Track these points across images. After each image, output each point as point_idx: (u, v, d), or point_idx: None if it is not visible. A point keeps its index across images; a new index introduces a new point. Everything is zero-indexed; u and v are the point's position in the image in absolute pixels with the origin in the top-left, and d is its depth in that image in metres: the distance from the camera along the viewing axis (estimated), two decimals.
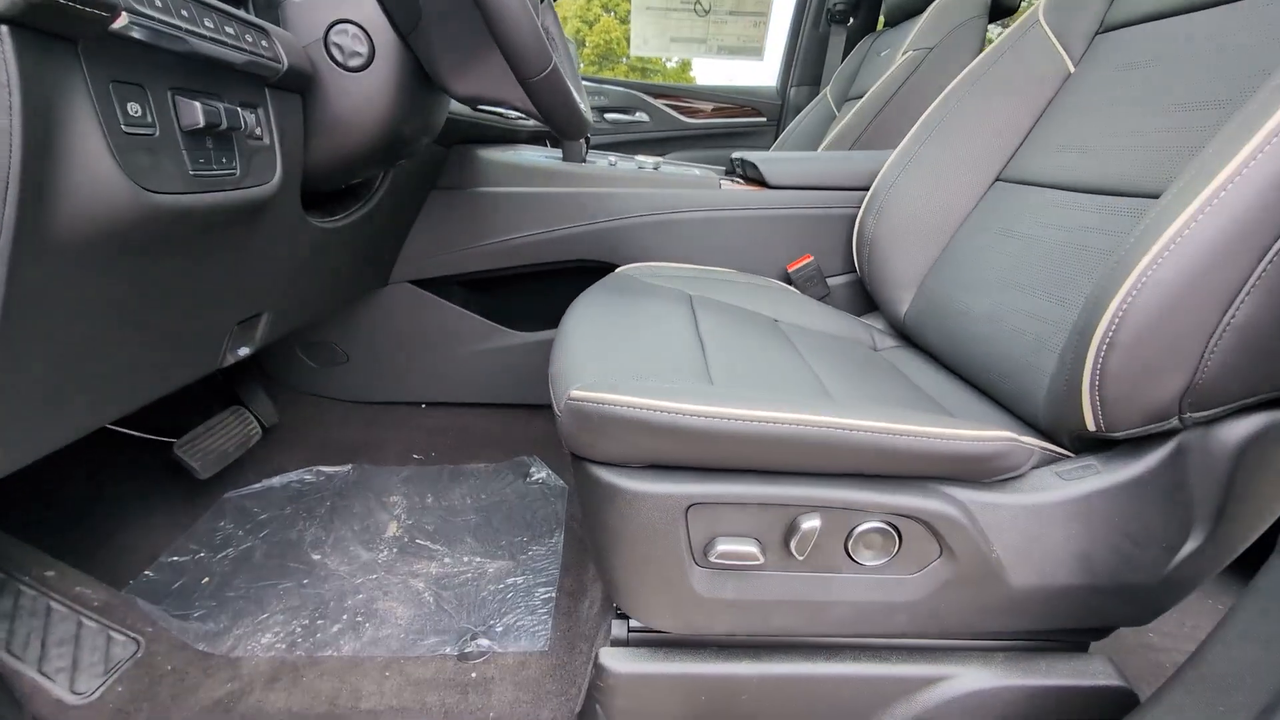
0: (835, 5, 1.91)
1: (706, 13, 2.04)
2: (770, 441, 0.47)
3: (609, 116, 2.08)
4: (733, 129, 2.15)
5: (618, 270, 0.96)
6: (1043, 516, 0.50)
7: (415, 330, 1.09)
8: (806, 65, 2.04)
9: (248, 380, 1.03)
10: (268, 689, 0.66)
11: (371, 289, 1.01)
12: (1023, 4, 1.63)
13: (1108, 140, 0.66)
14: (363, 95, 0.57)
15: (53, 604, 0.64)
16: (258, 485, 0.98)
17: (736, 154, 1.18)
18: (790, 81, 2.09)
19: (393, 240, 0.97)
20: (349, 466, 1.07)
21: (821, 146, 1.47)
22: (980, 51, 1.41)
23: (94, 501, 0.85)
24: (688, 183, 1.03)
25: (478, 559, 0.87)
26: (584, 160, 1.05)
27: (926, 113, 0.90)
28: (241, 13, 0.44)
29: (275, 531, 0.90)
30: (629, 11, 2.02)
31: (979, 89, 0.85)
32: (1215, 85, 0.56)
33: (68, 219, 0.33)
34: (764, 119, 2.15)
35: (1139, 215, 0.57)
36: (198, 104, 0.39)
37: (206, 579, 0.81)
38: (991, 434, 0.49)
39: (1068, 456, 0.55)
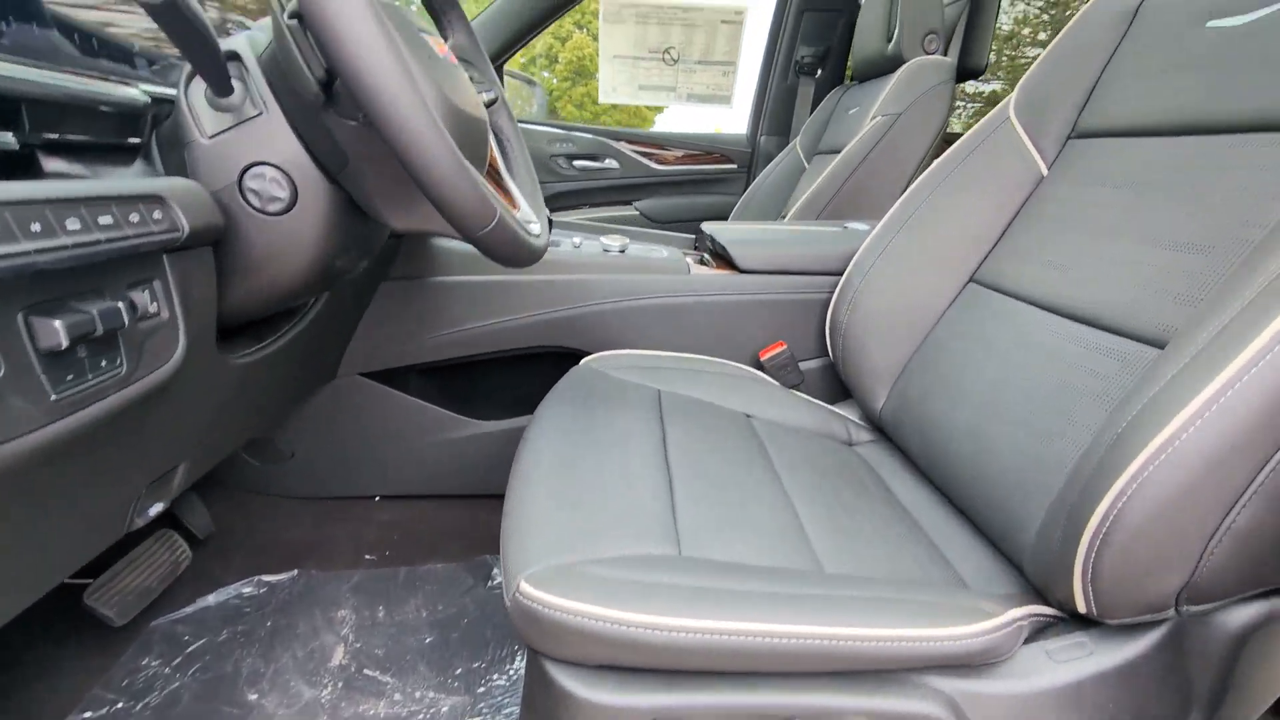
0: (802, 58, 1.91)
1: (675, 62, 2.02)
2: (744, 654, 0.42)
3: (577, 164, 2.05)
4: (703, 175, 2.13)
5: (584, 363, 0.91)
6: (1034, 705, 0.46)
7: (367, 423, 1.02)
8: (775, 115, 2.04)
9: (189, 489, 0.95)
10: None
11: (315, 389, 0.94)
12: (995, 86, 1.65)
13: (1087, 262, 0.64)
14: (287, 238, 0.51)
15: None
16: (190, 608, 0.89)
17: (706, 226, 1.14)
18: (760, 130, 2.08)
19: (337, 341, 0.90)
20: (294, 573, 0.99)
21: (791, 212, 1.45)
22: (947, 116, 1.42)
23: (24, 652, 0.76)
24: (655, 267, 0.99)
25: (431, 693, 0.80)
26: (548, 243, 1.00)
27: (898, 203, 0.88)
28: (126, 184, 0.38)
29: (208, 665, 0.82)
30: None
31: (950, 184, 0.83)
32: (1197, 227, 0.54)
33: None
34: (734, 165, 2.13)
35: (1125, 361, 0.54)
36: (57, 322, 0.33)
37: None
38: (988, 625, 0.45)
39: (1058, 619, 0.51)
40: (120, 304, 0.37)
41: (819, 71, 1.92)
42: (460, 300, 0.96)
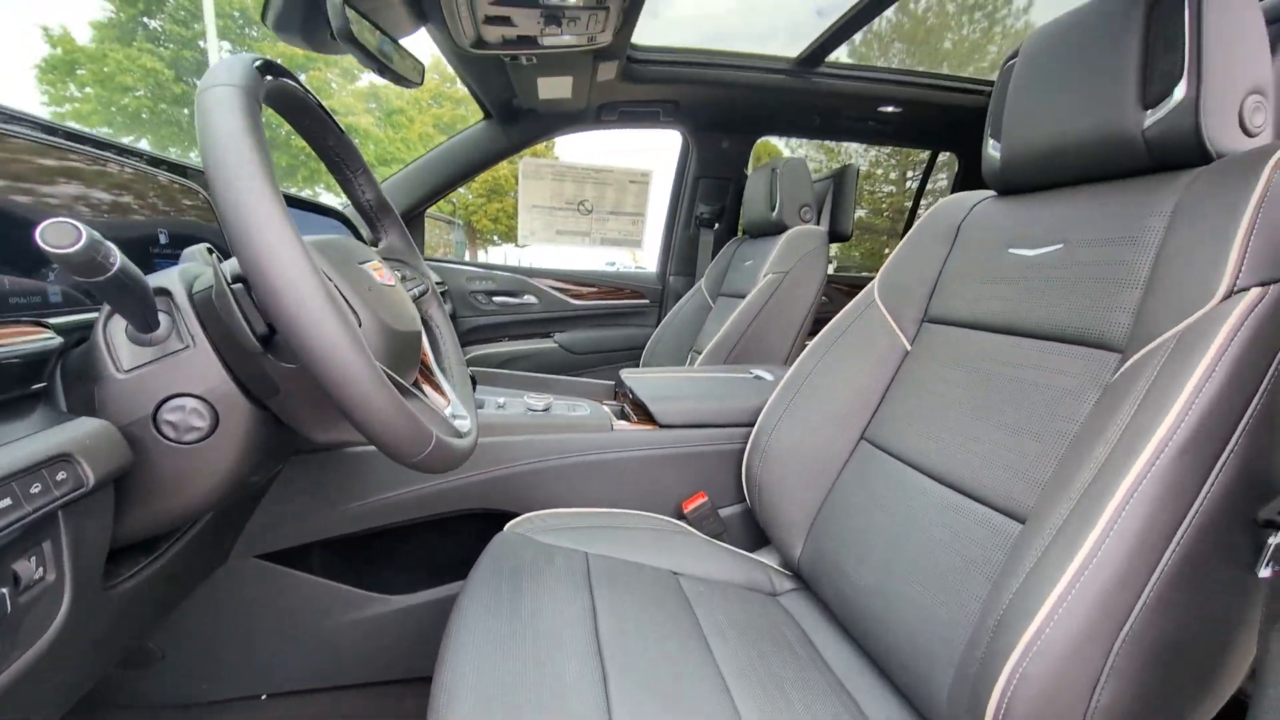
0: (701, 213, 2.18)
1: (589, 212, 2.22)
2: None
3: (497, 299, 2.12)
4: (618, 309, 2.28)
5: (509, 527, 0.90)
6: None
7: (258, 611, 0.92)
8: (681, 258, 2.27)
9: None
10: None
11: (201, 580, 0.85)
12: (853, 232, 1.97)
13: (950, 435, 0.75)
14: (201, 462, 0.49)
15: None
16: None
17: (625, 376, 1.21)
18: (669, 270, 2.29)
19: (231, 530, 0.83)
20: None
21: (700, 357, 1.59)
22: (826, 270, 1.66)
23: None
24: (579, 425, 1.03)
25: None
26: (475, 400, 1.01)
27: (795, 364, 0.99)
28: (25, 452, 0.36)
29: None
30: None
31: (836, 350, 0.96)
32: (1026, 415, 0.67)
33: None
34: (646, 300, 2.30)
35: (994, 530, 0.63)
36: None
37: None
38: None
39: None
40: (4, 589, 0.34)
41: (716, 225, 2.19)
42: (378, 467, 0.93)
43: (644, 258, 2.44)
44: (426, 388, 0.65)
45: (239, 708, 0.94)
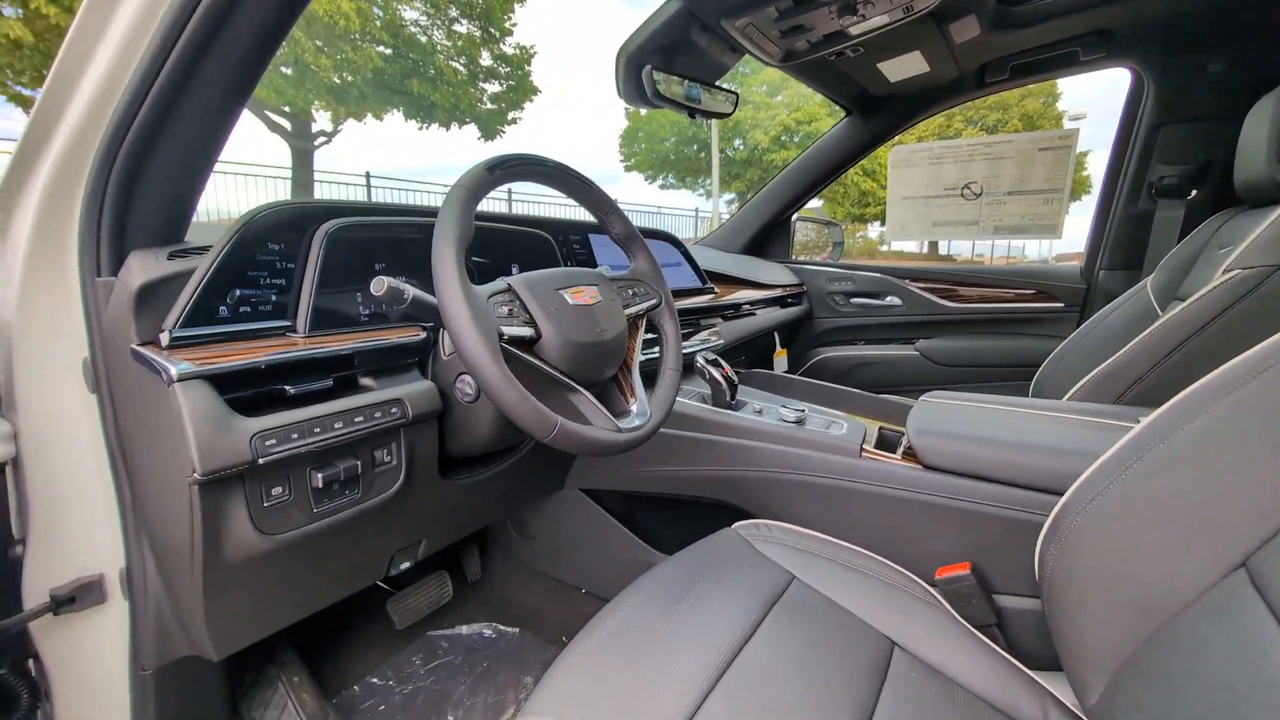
0: (1160, 179, 1.48)
1: (978, 195, 1.84)
2: None
3: (856, 301, 2.03)
4: (1011, 314, 1.82)
5: (735, 526, 0.95)
6: None
7: (580, 528, 1.27)
8: (1120, 246, 1.61)
9: (469, 540, 1.37)
10: None
11: (548, 493, 1.24)
12: None
13: None
14: (474, 415, 0.78)
15: (289, 703, 0.98)
16: (449, 630, 1.27)
17: (925, 397, 1.04)
18: (1098, 264, 1.67)
19: (558, 465, 1.18)
20: (516, 631, 1.28)
21: (1077, 387, 1.14)
22: None
23: (343, 629, 1.24)
24: (824, 445, 0.97)
25: None
26: (731, 403, 1.09)
27: (1152, 416, 0.65)
28: (378, 394, 0.69)
29: (440, 679, 1.15)
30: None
31: (1240, 405, 0.58)
32: None
33: (228, 552, 0.60)
34: (1060, 304, 1.75)
35: None
36: (319, 475, 0.63)
37: (383, 707, 1.09)
38: None
39: None
40: (358, 462, 0.67)
41: (1191, 193, 1.45)
42: (657, 446, 1.12)
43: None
44: (620, 384, 0.80)
45: (566, 591, 1.34)
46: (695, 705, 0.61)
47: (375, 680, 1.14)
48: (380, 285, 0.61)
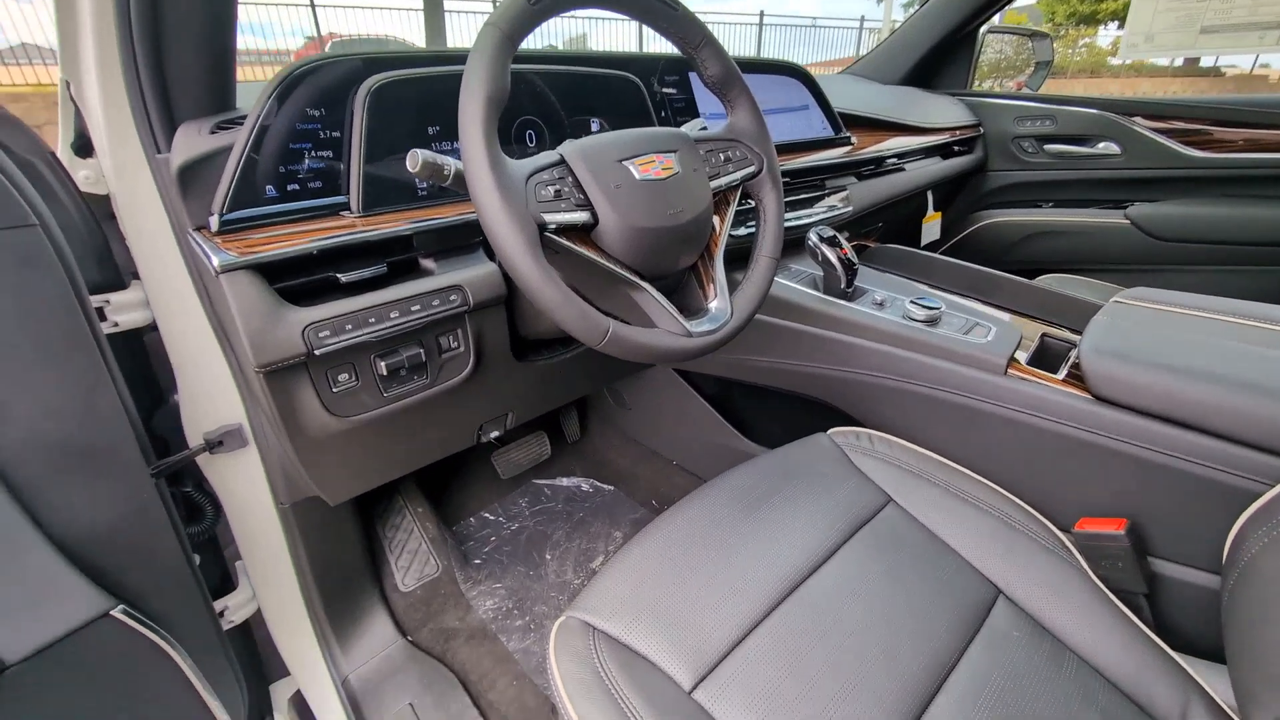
0: None
1: None
2: None
3: (1051, 147, 1.56)
4: None
5: (831, 433, 0.86)
6: None
7: (674, 407, 1.24)
8: None
9: (570, 404, 1.43)
10: (469, 641, 1.02)
11: (634, 371, 1.21)
12: None
13: None
14: None
15: (414, 527, 1.15)
16: (552, 480, 1.38)
17: (1118, 297, 0.79)
18: None
19: None
20: (611, 488, 1.36)
21: None
22: None
23: (458, 474, 1.39)
24: (959, 356, 0.79)
25: None
26: (846, 291, 0.92)
27: None
28: (438, 279, 0.65)
29: (542, 522, 1.28)
30: None
31: None
32: None
33: (306, 431, 0.63)
34: None
35: None
36: (383, 362, 0.63)
37: (494, 538, 1.24)
38: None
39: None
40: (422, 350, 0.66)
41: None
42: (754, 334, 1.01)
43: None
44: (700, 275, 0.68)
45: (660, 461, 1.37)
46: (746, 630, 0.58)
47: (487, 515, 1.29)
48: (415, 160, 0.53)
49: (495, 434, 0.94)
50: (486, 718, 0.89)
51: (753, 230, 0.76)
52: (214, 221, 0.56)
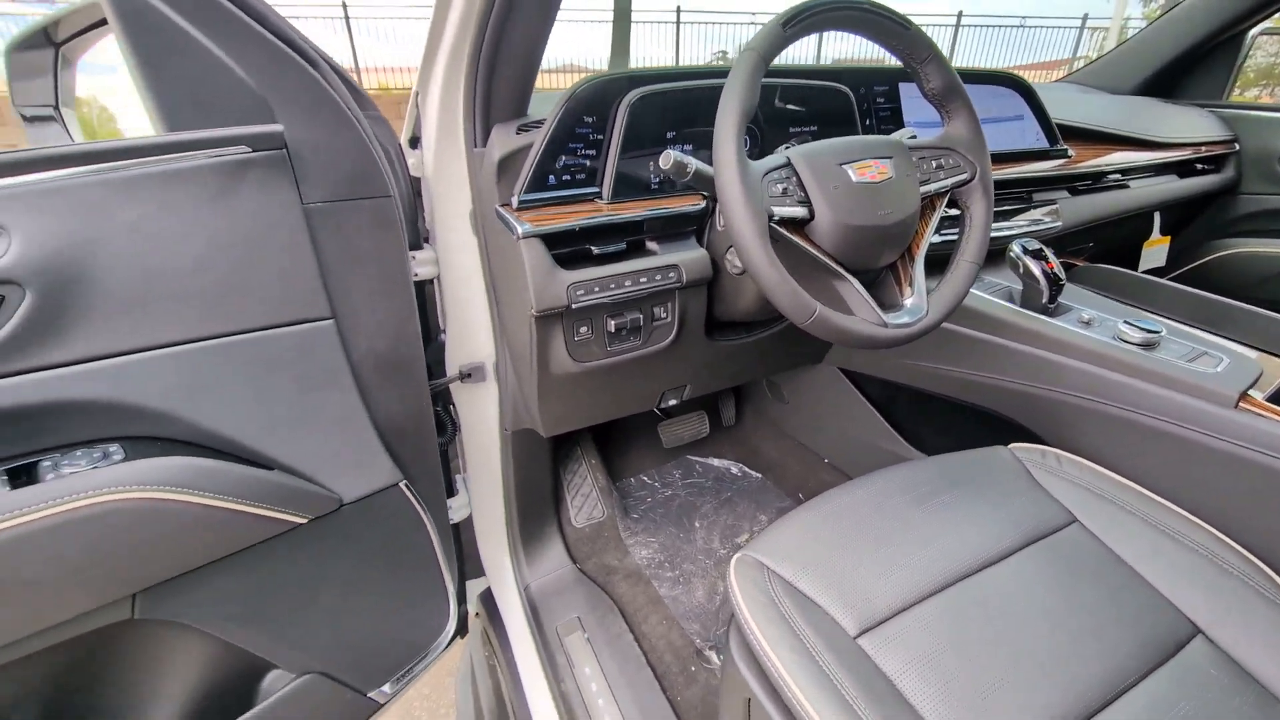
0: None
1: None
2: None
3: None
4: None
5: (1010, 447, 0.85)
6: None
7: (833, 404, 1.28)
8: None
9: (727, 390, 1.52)
10: (626, 579, 1.17)
11: (803, 366, 1.26)
12: None
13: None
14: (739, 288, 0.83)
15: (588, 474, 1.32)
16: (704, 459, 1.49)
17: None
18: None
19: (819, 340, 1.17)
20: (760, 476, 1.43)
21: None
22: None
23: (628, 438, 1.54)
24: (1180, 384, 0.74)
25: None
26: (1048, 307, 0.90)
27: None
28: (660, 258, 0.78)
29: (693, 494, 1.39)
30: None
31: None
32: None
33: (552, 370, 0.80)
34: None
35: None
36: (613, 322, 0.77)
37: (649, 499, 1.38)
38: None
39: None
40: (640, 315, 0.79)
41: None
42: (935, 341, 1.01)
43: None
44: (899, 273, 0.73)
45: (810, 457, 1.41)
46: (910, 602, 0.62)
47: (646, 479, 1.44)
48: (667, 159, 0.66)
49: (673, 401, 1.06)
50: (640, 644, 1.02)
51: (950, 238, 0.79)
52: (515, 200, 0.73)
